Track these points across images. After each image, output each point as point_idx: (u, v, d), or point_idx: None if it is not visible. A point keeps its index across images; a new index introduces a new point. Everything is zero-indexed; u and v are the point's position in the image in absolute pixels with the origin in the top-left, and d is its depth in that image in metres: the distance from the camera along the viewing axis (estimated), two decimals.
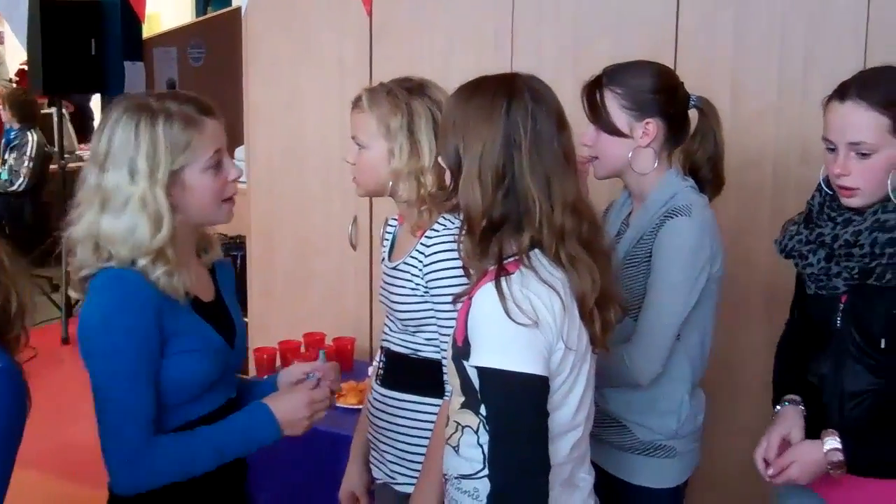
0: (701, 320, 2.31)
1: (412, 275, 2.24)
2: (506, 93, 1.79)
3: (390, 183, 2.26)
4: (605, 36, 3.07)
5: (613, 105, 2.29)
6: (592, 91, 2.32)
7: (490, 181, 1.77)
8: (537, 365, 1.73)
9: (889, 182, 2.06)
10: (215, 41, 4.69)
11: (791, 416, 2.22)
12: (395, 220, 2.47)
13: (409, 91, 2.30)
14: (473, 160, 1.78)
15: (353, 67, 3.47)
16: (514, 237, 1.79)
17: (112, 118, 1.91)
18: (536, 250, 1.79)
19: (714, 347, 2.38)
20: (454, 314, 1.91)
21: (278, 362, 3.36)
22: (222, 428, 1.96)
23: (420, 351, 2.29)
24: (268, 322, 3.89)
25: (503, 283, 1.73)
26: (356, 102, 2.32)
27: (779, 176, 2.84)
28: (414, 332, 2.29)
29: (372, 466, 2.43)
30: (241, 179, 2.09)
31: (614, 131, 2.29)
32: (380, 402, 2.36)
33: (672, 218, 2.23)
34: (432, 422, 2.24)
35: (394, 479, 2.33)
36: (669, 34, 2.97)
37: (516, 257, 1.78)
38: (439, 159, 1.93)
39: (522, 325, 1.70)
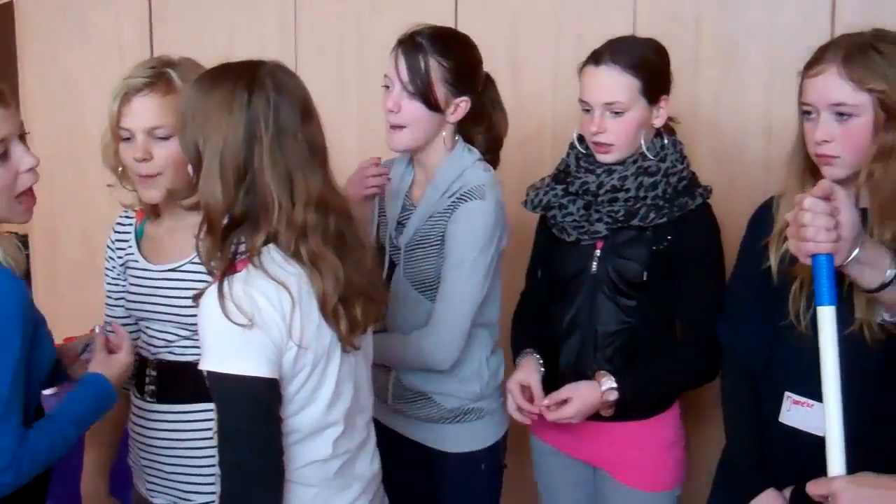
0: (493, 292, 2.34)
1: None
2: (247, 84, 1.72)
3: None
4: (387, 10, 3.10)
5: (437, 77, 2.23)
6: (415, 55, 2.23)
7: (231, 178, 1.70)
8: (260, 367, 1.68)
9: (642, 138, 2.23)
10: None
11: (528, 365, 2.35)
12: (130, 215, 2.30)
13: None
14: (214, 156, 1.71)
15: (133, 51, 3.38)
16: (252, 235, 1.73)
17: None
18: (271, 245, 1.73)
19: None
20: None
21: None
22: (76, 403, 1.94)
23: None
24: (55, 320, 3.71)
25: (225, 283, 1.67)
26: (150, 85, 2.09)
27: (557, 151, 2.90)
28: None
29: (151, 493, 2.23)
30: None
31: (433, 105, 2.24)
32: (156, 420, 2.18)
33: (466, 201, 2.23)
34: None
35: (189, 499, 2.17)
36: (449, 13, 3.02)
37: (247, 255, 1.72)
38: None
39: (240, 325, 1.65)
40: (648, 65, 2.25)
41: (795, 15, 2.71)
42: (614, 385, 2.25)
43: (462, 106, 2.28)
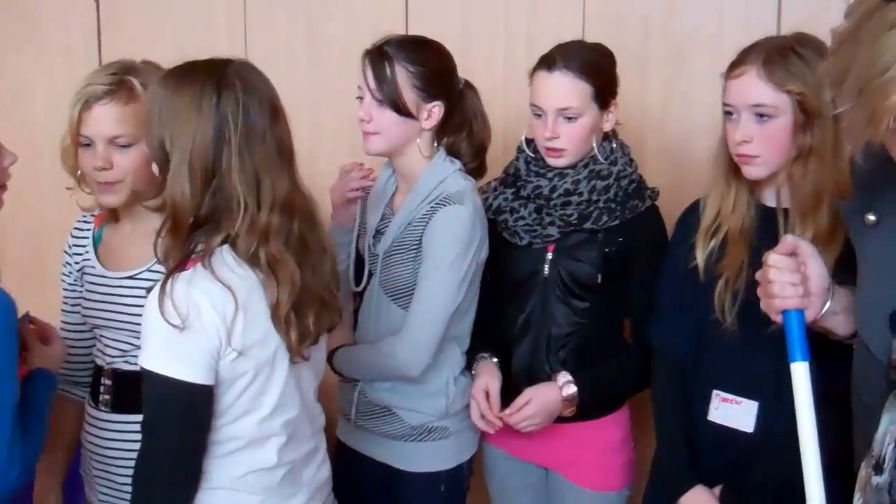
0: (468, 304, 2.34)
1: None
2: (216, 84, 1.70)
3: None
4: (336, 15, 3.10)
5: (405, 83, 2.23)
6: (381, 64, 2.23)
7: (200, 178, 1.69)
8: (188, 370, 1.67)
9: (594, 142, 2.25)
10: None
11: (488, 370, 2.36)
12: (88, 219, 2.29)
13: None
14: (183, 155, 1.69)
15: (82, 56, 3.32)
16: (211, 235, 1.71)
17: None
18: (225, 247, 1.71)
19: None
20: None
21: None
22: (40, 405, 1.92)
23: None
24: None
25: (169, 280, 1.66)
26: (111, 93, 2.08)
27: (508, 148, 2.92)
28: None
29: None
30: None
31: (404, 111, 2.23)
32: (110, 430, 2.17)
33: (445, 206, 2.22)
34: None
35: None
36: (399, 16, 3.02)
37: (200, 254, 1.70)
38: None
39: (174, 325, 1.63)
40: (600, 70, 2.28)
41: (742, 17, 2.74)
42: (570, 378, 2.28)
43: (435, 112, 2.28)
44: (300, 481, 1.91)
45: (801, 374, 1.63)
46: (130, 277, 2.15)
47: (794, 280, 1.64)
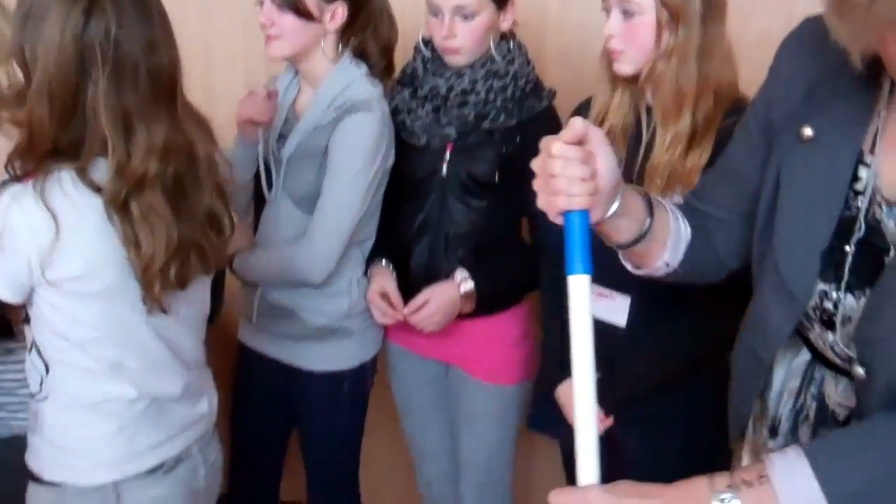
0: (373, 210, 2.34)
1: None
2: (85, 8, 1.56)
3: None
4: None
5: None
6: None
7: (59, 108, 1.57)
8: None
9: (491, 42, 2.25)
10: None
11: (381, 274, 2.39)
12: None
13: None
14: (43, 72, 1.56)
15: None
16: (65, 163, 1.60)
17: None
18: (67, 171, 1.60)
19: None
20: None
21: None
22: None
23: None
24: None
25: None
26: None
27: (407, 49, 2.87)
28: None
29: None
30: None
31: (304, 13, 2.19)
32: None
33: (352, 113, 2.20)
34: None
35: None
36: None
37: (42, 172, 1.60)
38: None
39: None
40: None
41: None
42: (468, 275, 2.31)
43: (339, 12, 2.24)
44: (166, 415, 1.85)
45: (581, 288, 1.30)
46: None
47: (585, 175, 1.31)
